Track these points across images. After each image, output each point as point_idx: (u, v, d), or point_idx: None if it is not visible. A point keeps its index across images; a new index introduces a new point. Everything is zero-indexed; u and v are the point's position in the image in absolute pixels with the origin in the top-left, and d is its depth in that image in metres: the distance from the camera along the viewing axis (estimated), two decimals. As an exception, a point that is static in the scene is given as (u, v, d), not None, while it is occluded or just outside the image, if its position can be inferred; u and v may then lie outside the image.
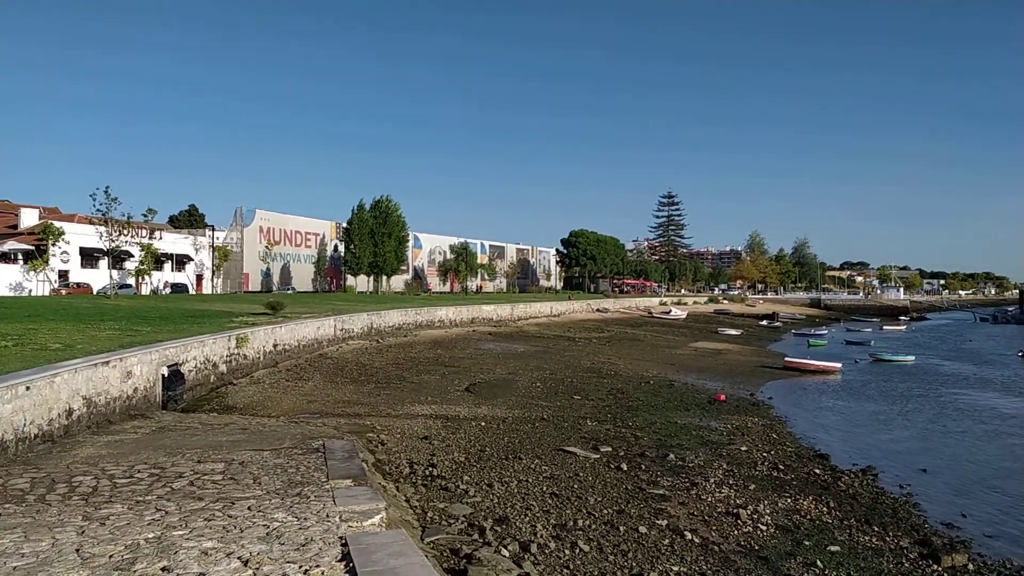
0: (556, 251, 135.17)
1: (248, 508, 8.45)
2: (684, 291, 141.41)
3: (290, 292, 72.45)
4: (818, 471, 17.40)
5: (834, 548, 12.01)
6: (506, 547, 10.45)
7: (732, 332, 70.16)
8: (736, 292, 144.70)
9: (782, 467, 17.46)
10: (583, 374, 32.87)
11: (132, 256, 56.86)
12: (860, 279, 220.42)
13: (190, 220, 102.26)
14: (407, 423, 19.31)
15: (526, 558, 10.13)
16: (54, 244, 55.26)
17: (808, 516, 13.67)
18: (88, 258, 58.89)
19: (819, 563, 11.24)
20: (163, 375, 18.32)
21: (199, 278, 71.64)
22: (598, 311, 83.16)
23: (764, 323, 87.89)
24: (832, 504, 14.57)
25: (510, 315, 62.96)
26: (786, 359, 44.64)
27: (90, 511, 8.27)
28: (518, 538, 11.02)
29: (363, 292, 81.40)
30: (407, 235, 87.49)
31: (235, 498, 8.91)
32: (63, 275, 57.03)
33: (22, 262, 54.18)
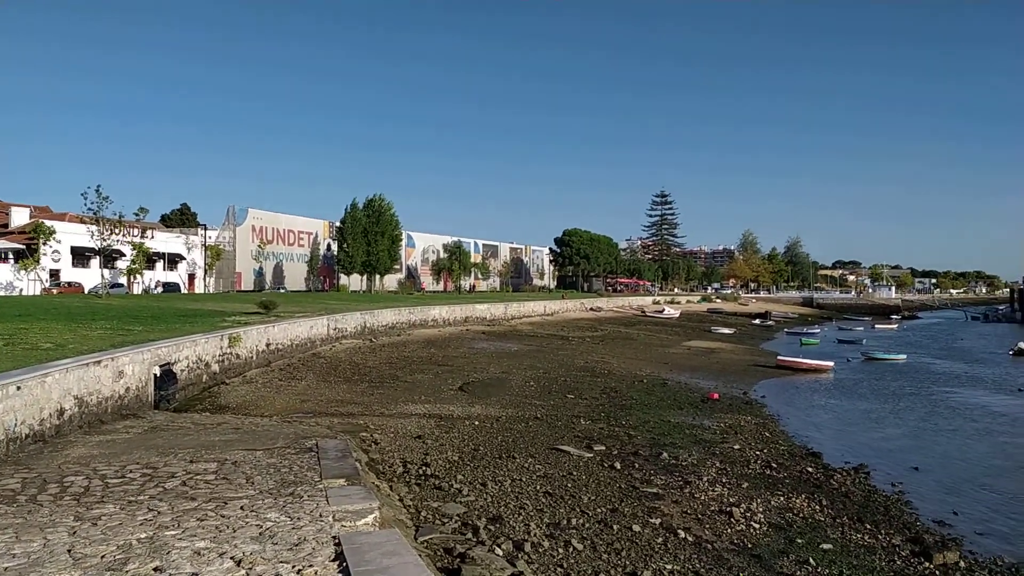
0: (550, 250, 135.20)
1: (241, 508, 8.42)
2: (677, 290, 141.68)
3: (281, 292, 72.17)
4: (811, 469, 17.47)
5: (827, 546, 12.06)
6: (500, 546, 10.45)
7: (725, 331, 70.42)
8: (729, 291, 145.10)
9: (775, 465, 17.52)
10: (577, 373, 32.91)
11: (124, 255, 56.59)
12: (852, 278, 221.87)
13: (182, 219, 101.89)
14: (401, 422, 19.28)
15: (520, 557, 10.13)
16: (45, 243, 55.02)
17: (801, 514, 13.72)
18: (79, 257, 58.62)
19: (812, 561, 11.29)
20: (155, 375, 18.23)
21: (191, 277, 71.39)
22: (591, 310, 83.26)
23: (757, 322, 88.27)
24: (824, 502, 14.64)
25: (503, 314, 62.97)
26: (779, 358, 44.87)
27: (82, 511, 8.22)
28: (512, 537, 11.02)
29: (356, 291, 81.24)
30: (400, 234, 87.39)
31: (228, 498, 8.87)
32: (54, 274, 56.76)
33: (13, 261, 53.93)
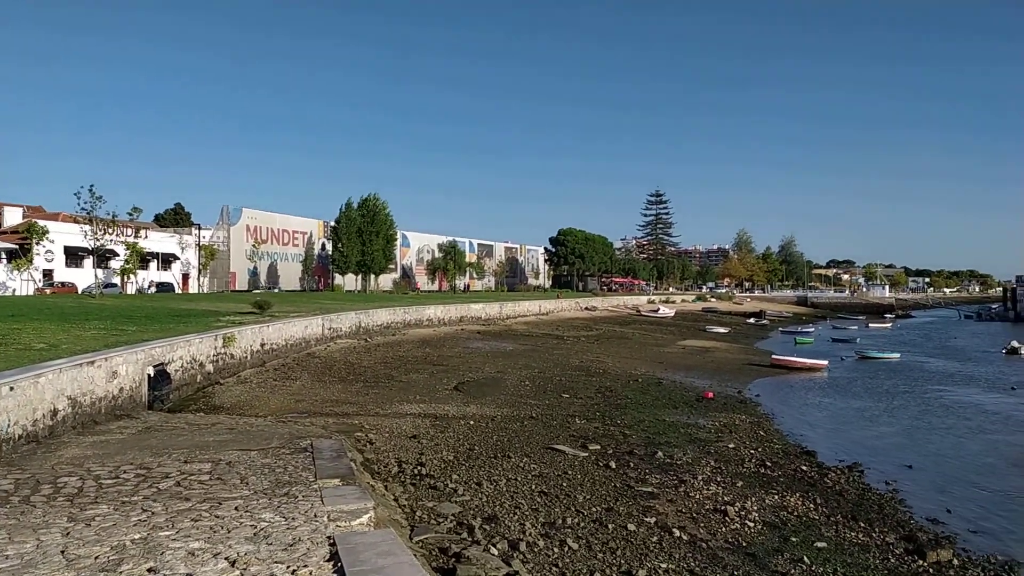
0: (544, 249, 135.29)
1: (235, 508, 8.40)
2: (672, 289, 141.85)
3: (274, 292, 71.90)
4: (805, 468, 17.52)
5: (821, 544, 12.10)
6: (495, 545, 10.45)
7: (720, 330, 70.54)
8: (724, 290, 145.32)
9: (769, 464, 17.57)
10: (572, 372, 32.92)
11: (117, 255, 56.38)
12: (846, 277, 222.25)
13: (176, 219, 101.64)
14: (396, 422, 19.26)
15: (515, 556, 10.14)
16: (38, 243, 54.73)
17: (795, 513, 13.76)
18: (73, 257, 58.35)
19: (806, 559, 11.32)
20: (149, 375, 18.17)
21: (185, 277, 71.15)
22: (586, 309, 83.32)
23: (751, 321, 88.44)
24: (819, 500, 14.68)
25: (498, 314, 62.95)
26: (773, 357, 44.97)
27: (75, 512, 8.19)
28: (507, 536, 11.02)
29: (351, 291, 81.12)
30: (395, 234, 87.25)
31: (222, 498, 8.85)
32: (47, 274, 56.51)
33: (5, 261, 53.61)
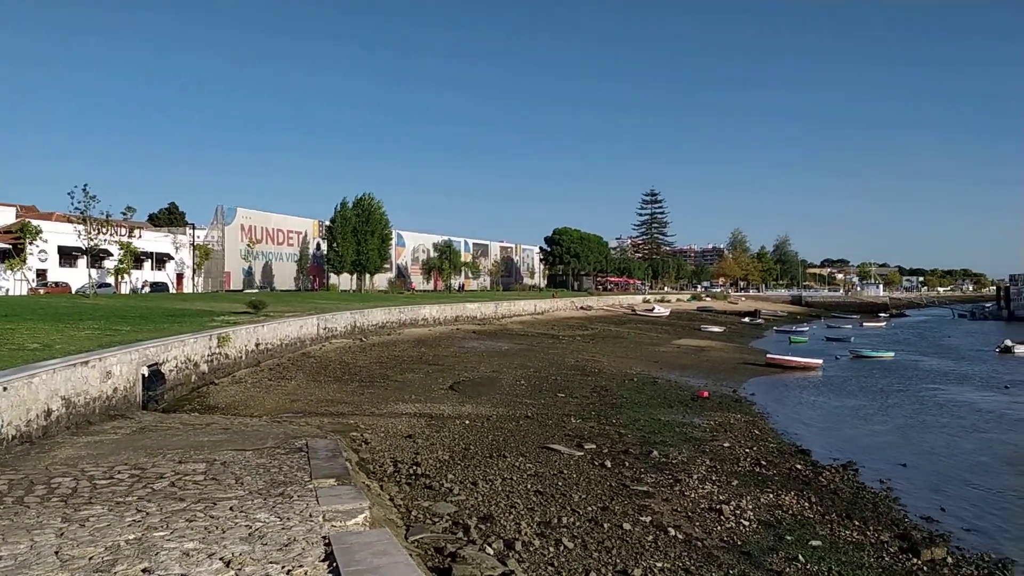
0: (540, 249, 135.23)
1: (230, 508, 8.38)
2: (667, 289, 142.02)
3: (266, 291, 71.49)
4: (800, 466, 17.56)
5: (816, 542, 12.12)
6: (491, 545, 10.45)
7: (715, 329, 70.67)
8: (719, 290, 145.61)
9: (764, 463, 17.60)
10: (567, 372, 32.94)
11: (111, 255, 56.17)
12: (840, 276, 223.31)
13: (170, 218, 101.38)
14: (391, 422, 19.24)
15: (511, 556, 10.14)
16: (32, 243, 54.55)
17: (790, 511, 13.79)
18: (66, 257, 58.16)
19: (801, 557, 11.34)
20: (143, 375, 18.11)
21: (180, 277, 70.97)
22: (582, 309, 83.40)
23: (746, 320, 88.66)
24: (814, 499, 14.71)
25: (494, 313, 62.97)
26: (768, 356, 45.08)
27: (69, 513, 8.16)
28: (503, 536, 11.02)
29: (346, 291, 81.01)
30: (390, 233, 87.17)
31: (217, 498, 8.83)
32: (41, 274, 56.30)
33: (-1, 261, 53.45)
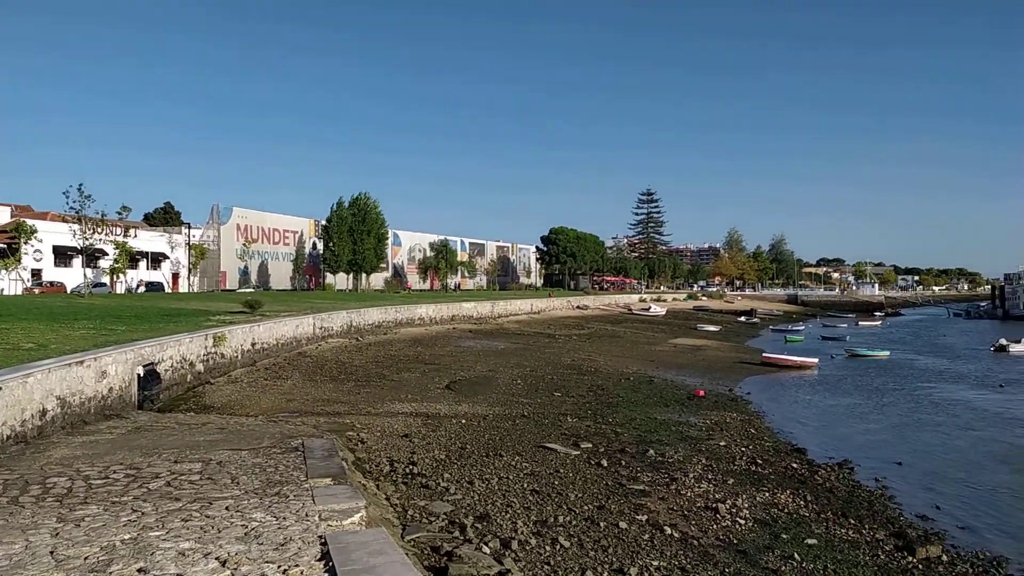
0: (536, 248, 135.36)
1: (226, 508, 8.37)
2: (663, 288, 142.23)
3: (261, 290, 71.05)
4: (795, 465, 17.59)
5: (811, 541, 12.14)
6: (487, 544, 10.45)
7: (711, 328, 70.77)
8: (715, 289, 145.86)
9: (760, 461, 17.63)
10: (563, 371, 32.95)
11: (106, 254, 56.06)
12: (836, 276, 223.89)
13: (166, 218, 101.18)
14: (387, 421, 19.23)
15: (507, 555, 10.14)
16: (26, 242, 54.38)
17: (786, 510, 13.81)
18: (61, 256, 58.01)
19: (796, 556, 11.36)
20: (139, 375, 18.06)
21: (175, 276, 70.81)
22: (578, 308, 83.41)
23: (742, 319, 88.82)
24: (809, 498, 14.74)
25: (490, 312, 62.96)
26: (764, 355, 45.16)
27: (65, 512, 8.13)
28: (499, 535, 11.02)
29: (342, 290, 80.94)
30: (386, 232, 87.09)
31: (213, 498, 8.81)
32: (36, 274, 56.16)
33: (-7, 261, 53.25)
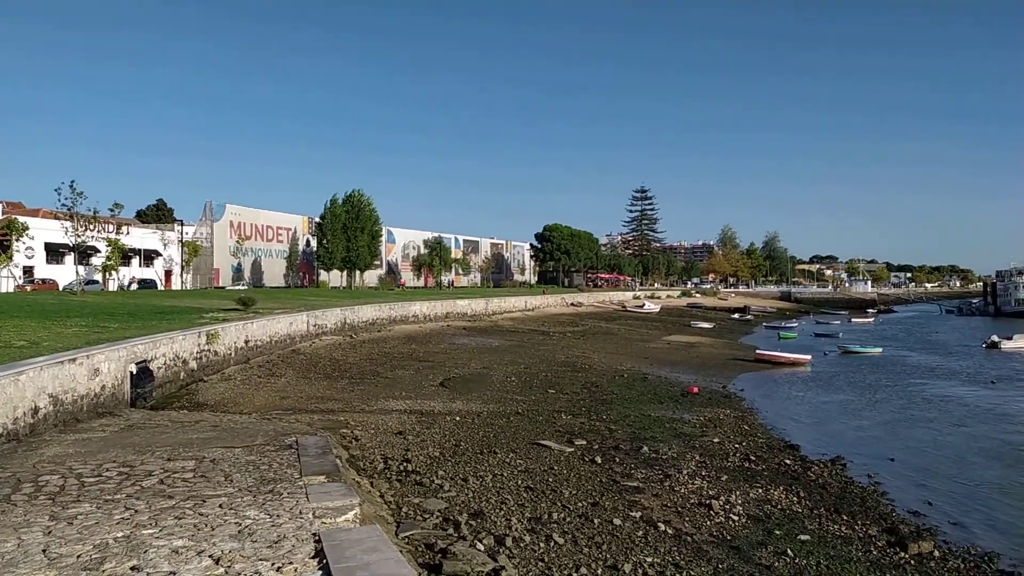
0: (530, 245, 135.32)
1: (219, 506, 8.35)
2: (657, 285, 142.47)
3: (253, 288, 70.46)
4: (788, 461, 17.65)
5: (804, 537, 12.19)
6: (481, 541, 10.46)
7: (704, 325, 70.91)
8: (708, 286, 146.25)
9: (753, 458, 17.69)
10: (558, 368, 32.97)
11: (99, 251, 55.80)
12: (829, 272, 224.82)
13: (158, 215, 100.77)
14: (381, 418, 19.21)
15: (501, 551, 10.15)
16: (18, 240, 54.12)
17: (779, 506, 13.86)
18: (53, 254, 57.74)
19: (790, 552, 11.41)
20: (131, 372, 18.00)
21: (168, 274, 70.55)
22: (572, 305, 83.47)
23: (736, 316, 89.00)
24: (802, 494, 14.80)
25: (484, 310, 62.94)
26: (757, 352, 45.25)
27: (57, 511, 8.10)
28: (493, 532, 11.03)
29: (336, 287, 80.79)
30: (380, 230, 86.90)
31: (206, 496, 8.79)
32: (28, 271, 55.88)
33: (-16, 258, 52.95)
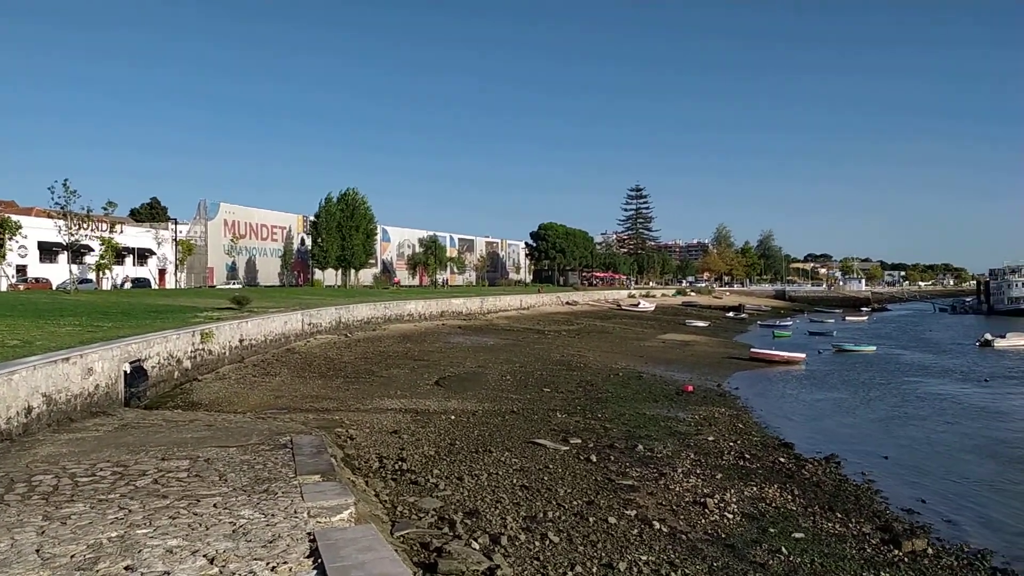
0: (525, 244, 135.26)
1: (214, 505, 8.33)
2: (652, 284, 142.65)
3: (251, 287, 70.31)
4: (783, 459, 17.71)
5: (798, 535, 12.23)
6: (476, 540, 10.46)
7: (699, 324, 71.04)
8: (703, 284, 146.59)
9: (748, 456, 17.73)
10: (553, 367, 32.98)
11: (92, 250, 55.61)
12: (823, 271, 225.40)
13: (152, 214, 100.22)
14: (376, 417, 19.20)
15: (496, 550, 10.15)
16: (11, 238, 53.82)
17: (773, 504, 13.90)
18: (47, 252, 57.50)
19: (784, 549, 11.44)
20: (125, 371, 17.95)
21: (162, 272, 70.34)
22: (567, 304, 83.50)
23: (731, 315, 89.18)
24: (796, 492, 14.85)
25: (479, 308, 62.92)
26: (752, 350, 45.34)
27: (51, 511, 8.07)
28: (488, 531, 11.03)
29: (331, 286, 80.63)
30: (375, 228, 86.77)
31: (200, 495, 8.77)
32: (21, 270, 55.67)
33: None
